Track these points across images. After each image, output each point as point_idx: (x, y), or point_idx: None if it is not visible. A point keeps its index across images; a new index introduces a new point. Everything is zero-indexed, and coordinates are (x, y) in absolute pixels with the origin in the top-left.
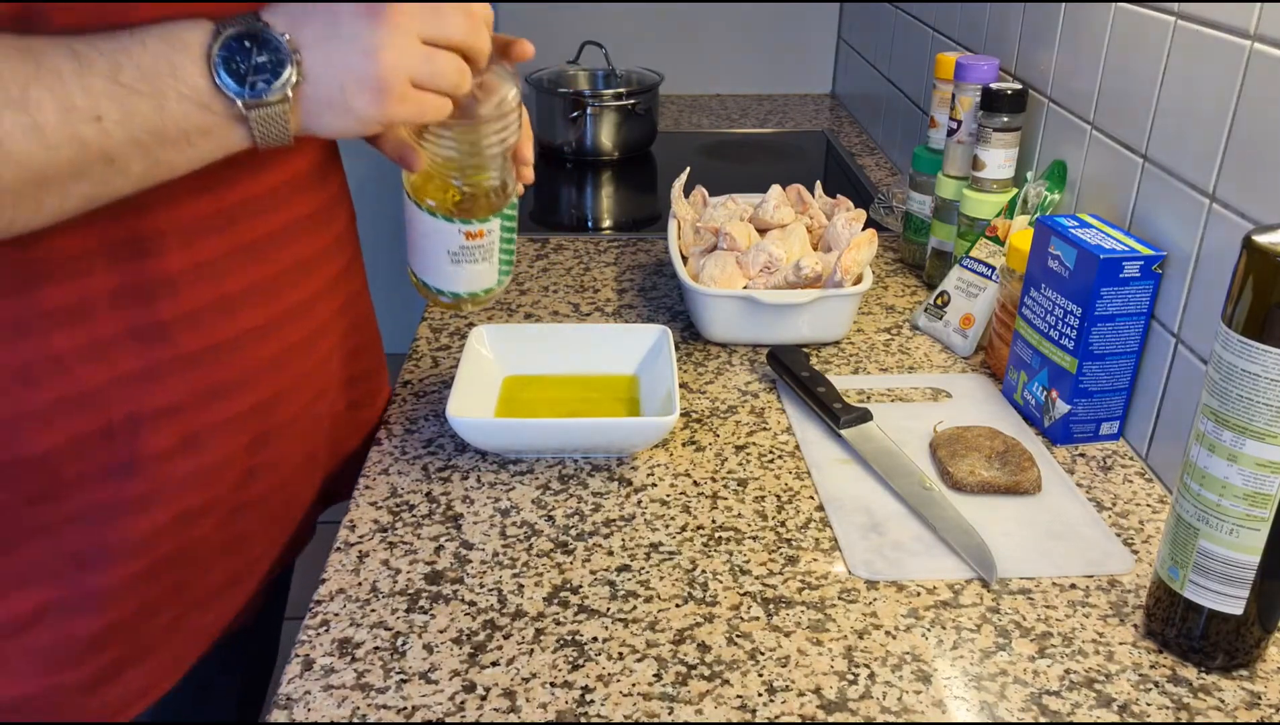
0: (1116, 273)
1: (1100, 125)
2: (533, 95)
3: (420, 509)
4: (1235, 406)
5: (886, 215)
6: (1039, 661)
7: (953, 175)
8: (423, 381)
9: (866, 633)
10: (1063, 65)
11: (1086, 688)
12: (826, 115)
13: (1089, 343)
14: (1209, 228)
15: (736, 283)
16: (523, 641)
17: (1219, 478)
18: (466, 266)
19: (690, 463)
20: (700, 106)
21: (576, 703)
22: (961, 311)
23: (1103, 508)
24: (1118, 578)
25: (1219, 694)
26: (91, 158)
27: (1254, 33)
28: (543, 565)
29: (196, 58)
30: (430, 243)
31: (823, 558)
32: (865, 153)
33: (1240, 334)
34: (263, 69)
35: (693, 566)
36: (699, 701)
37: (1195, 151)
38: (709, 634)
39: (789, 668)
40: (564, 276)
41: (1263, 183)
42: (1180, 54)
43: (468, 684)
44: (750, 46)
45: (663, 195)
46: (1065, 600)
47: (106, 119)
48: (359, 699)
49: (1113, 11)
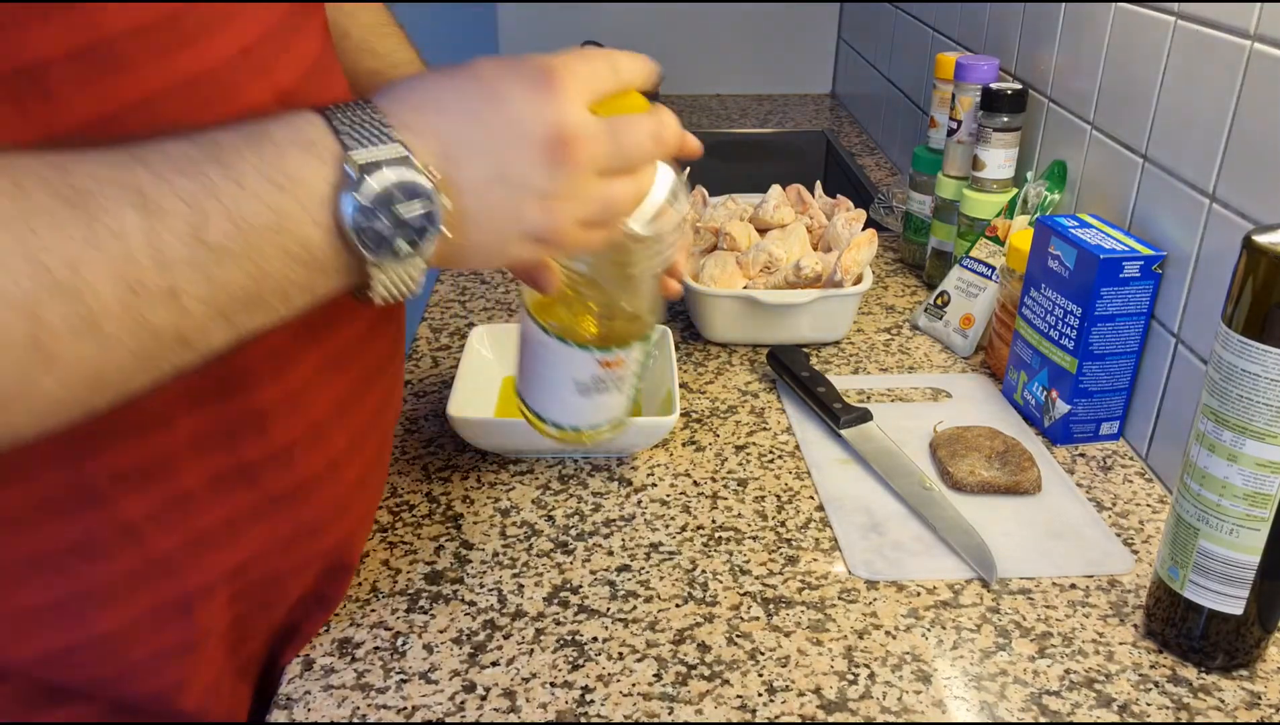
0: (1116, 273)
1: (1100, 125)
2: None
3: (420, 509)
4: (1235, 406)
5: (886, 215)
6: (1039, 661)
7: (953, 175)
8: (423, 381)
9: (866, 633)
10: (1063, 65)
11: (1086, 688)
12: (826, 115)
13: (1089, 343)
14: (1209, 228)
15: (736, 283)
16: (523, 641)
17: (1219, 478)
18: (595, 398)
19: (690, 463)
20: (700, 106)
21: (576, 703)
22: (961, 311)
23: (1103, 508)
24: (1118, 578)
25: (1219, 694)
26: (162, 346)
27: (1254, 33)
28: (543, 565)
29: (315, 205)
30: (553, 372)
31: (823, 558)
32: (865, 153)
33: (1240, 334)
34: (406, 226)
35: (693, 566)
36: (699, 701)
37: (1195, 151)
38: (709, 634)
39: (789, 668)
40: None
41: (1262, 183)
42: (1180, 54)
43: (468, 684)
44: (750, 46)
45: None
46: (1065, 600)
47: (185, 294)
48: (359, 699)
49: (1113, 11)
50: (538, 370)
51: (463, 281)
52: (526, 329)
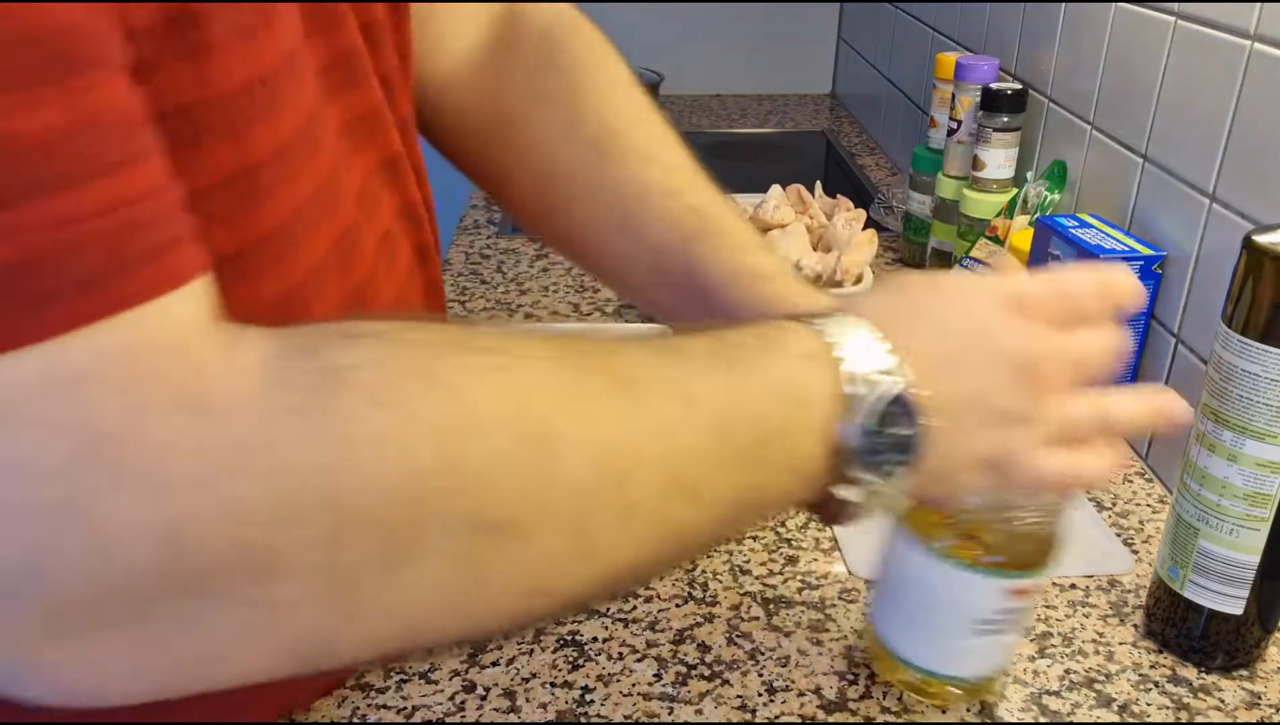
0: None
1: (1100, 125)
2: None
3: None
4: (1235, 406)
5: (886, 215)
6: (1039, 661)
7: (953, 175)
8: None
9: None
10: (1063, 65)
11: (1086, 688)
12: (826, 115)
13: None
14: (1209, 228)
15: None
16: (522, 641)
17: (1219, 478)
18: (990, 639)
19: None
20: (700, 107)
21: (576, 703)
22: None
23: (1103, 508)
24: (1118, 578)
25: (1219, 694)
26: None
27: (1254, 33)
28: None
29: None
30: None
31: (823, 557)
32: (865, 153)
33: (1240, 334)
34: (896, 444)
35: (692, 566)
36: (699, 701)
37: (1195, 151)
38: (709, 634)
39: (789, 668)
40: (564, 276)
41: (1263, 183)
42: (1180, 54)
43: (467, 684)
44: (750, 47)
45: None
46: (1065, 600)
47: (703, 496)
48: (358, 699)
49: (1113, 11)
50: (920, 604)
51: (462, 282)
52: (903, 554)
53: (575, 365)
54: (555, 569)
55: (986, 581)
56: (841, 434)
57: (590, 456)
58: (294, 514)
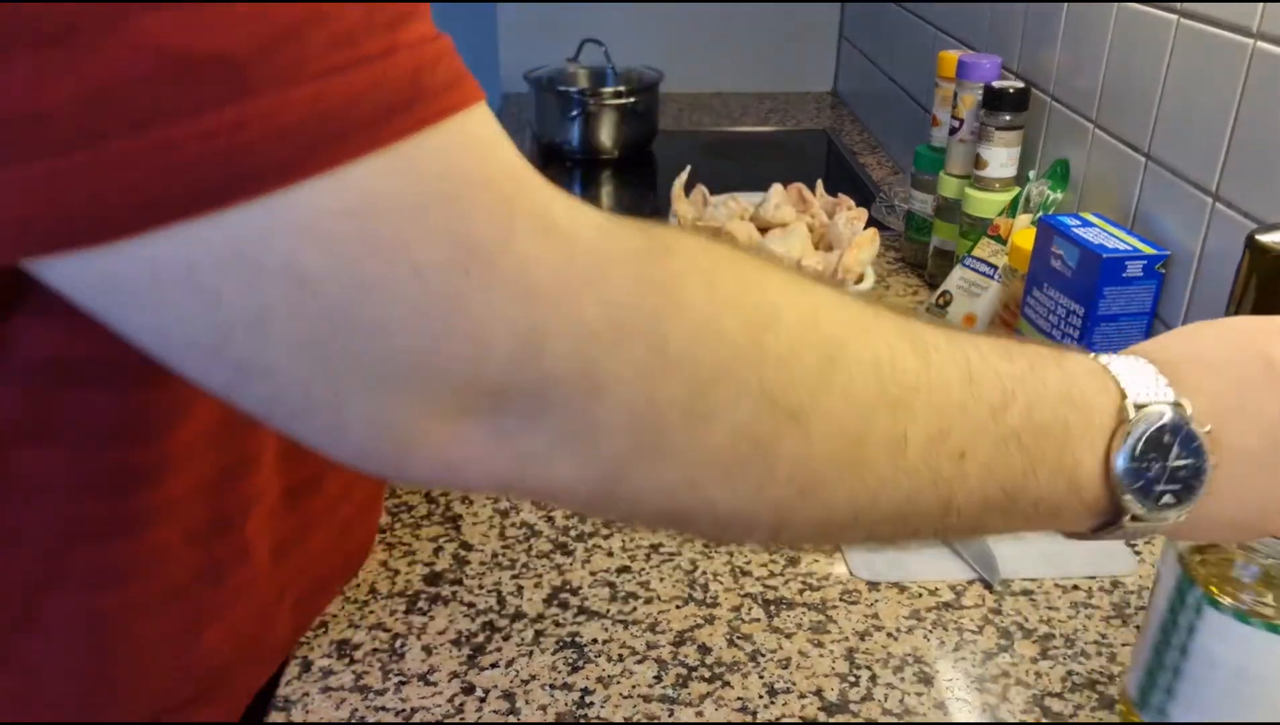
0: (1119, 272)
1: (1103, 124)
2: (532, 93)
3: (419, 510)
4: None
5: (888, 214)
6: (1041, 663)
7: (955, 174)
8: None
9: (868, 634)
10: (1065, 64)
11: (1089, 689)
12: (828, 113)
13: (1092, 342)
14: (1212, 227)
15: None
16: (522, 643)
17: None
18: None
19: None
20: (701, 105)
21: (576, 705)
22: (964, 311)
23: None
24: (1120, 579)
25: None
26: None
27: (1257, 31)
28: (542, 566)
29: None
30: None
31: (824, 559)
32: (867, 151)
33: None
34: (1172, 476)
35: (693, 568)
36: (699, 703)
37: (1198, 150)
38: (709, 635)
39: (790, 669)
40: None
41: (1266, 181)
42: (1183, 52)
43: (467, 686)
44: (751, 44)
45: (663, 194)
46: (1068, 602)
47: (971, 460)
48: (357, 701)
49: (1115, 10)
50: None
51: None
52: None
53: (865, 307)
54: (826, 471)
55: None
56: (1114, 451)
57: (870, 376)
58: (624, 341)
